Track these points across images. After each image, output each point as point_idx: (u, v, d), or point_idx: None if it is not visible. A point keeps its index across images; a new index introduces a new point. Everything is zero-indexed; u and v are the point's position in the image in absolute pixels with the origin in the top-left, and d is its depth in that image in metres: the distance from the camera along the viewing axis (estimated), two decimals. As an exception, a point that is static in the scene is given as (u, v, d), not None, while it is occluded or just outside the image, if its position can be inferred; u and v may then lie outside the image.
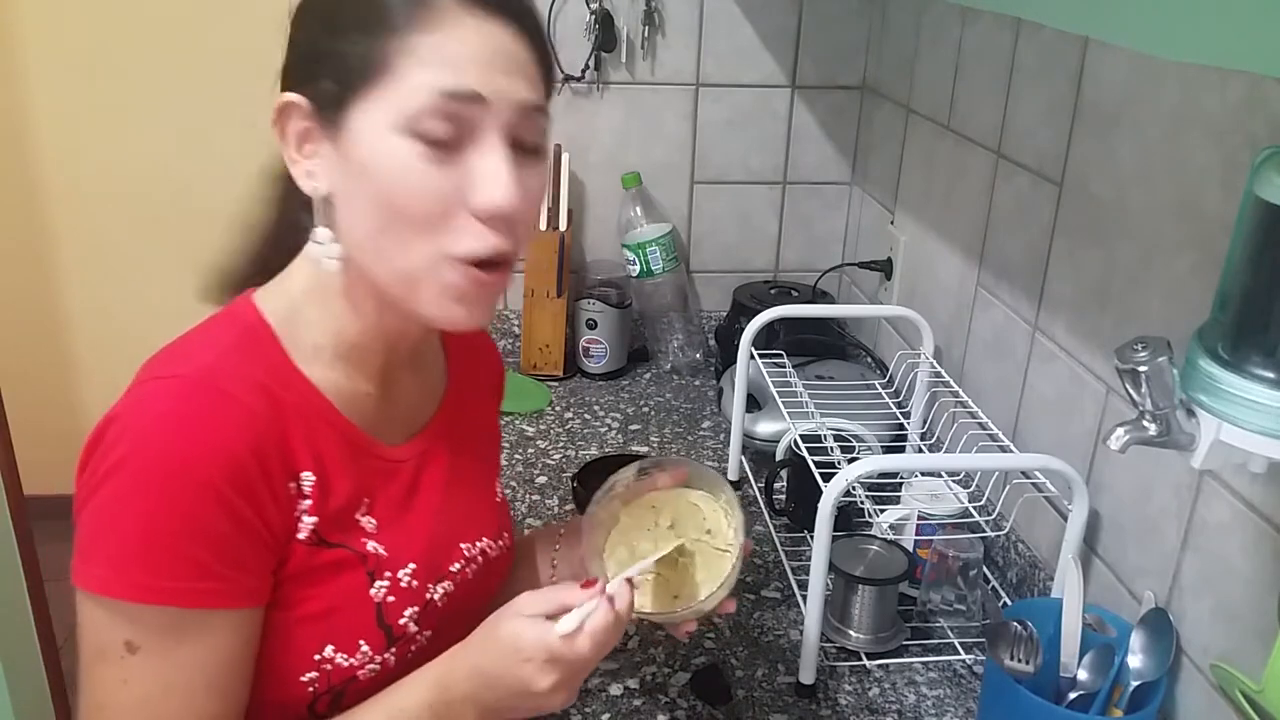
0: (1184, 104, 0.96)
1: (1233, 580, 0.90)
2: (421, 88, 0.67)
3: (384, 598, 0.78)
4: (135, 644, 0.67)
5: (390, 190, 0.69)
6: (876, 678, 1.12)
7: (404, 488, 0.82)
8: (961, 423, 1.37)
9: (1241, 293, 0.68)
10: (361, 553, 0.77)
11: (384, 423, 0.82)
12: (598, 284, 1.82)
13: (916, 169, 1.63)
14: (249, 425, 0.69)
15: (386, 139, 0.68)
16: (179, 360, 0.72)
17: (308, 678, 0.75)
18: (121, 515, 0.66)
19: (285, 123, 0.73)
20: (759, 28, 1.79)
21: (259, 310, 0.76)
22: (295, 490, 0.73)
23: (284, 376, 0.75)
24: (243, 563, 0.70)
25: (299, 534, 0.73)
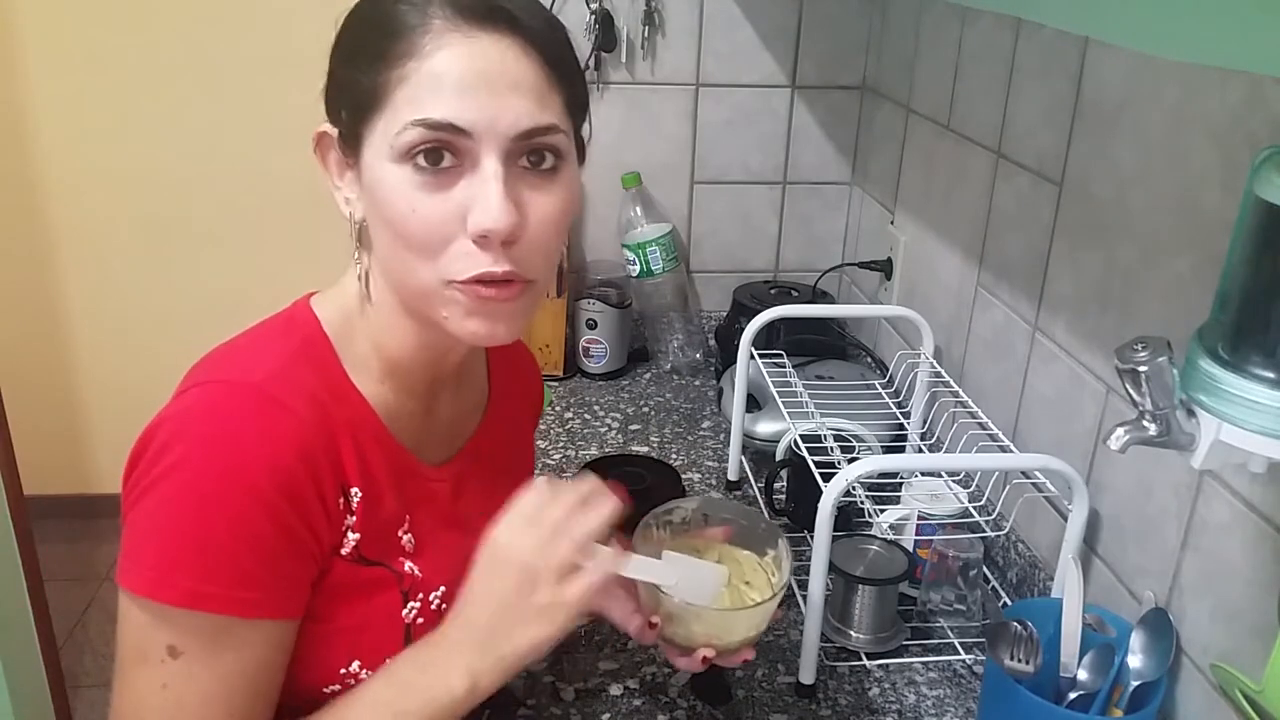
0: (1184, 104, 0.96)
1: (1233, 580, 0.90)
2: (406, 119, 0.68)
3: (414, 619, 0.78)
4: (178, 649, 0.67)
5: (393, 219, 0.70)
6: (876, 678, 1.12)
7: (442, 508, 0.83)
8: (961, 423, 1.37)
9: (1241, 293, 0.68)
10: (399, 573, 0.78)
11: (426, 441, 0.82)
12: (598, 284, 1.82)
13: (916, 169, 1.63)
14: (302, 436, 0.69)
15: (386, 169, 0.69)
16: (236, 365, 0.72)
17: (330, 689, 0.75)
18: (172, 519, 0.66)
19: (325, 153, 0.75)
20: (759, 28, 1.79)
21: (317, 319, 0.77)
22: (344, 505, 0.73)
23: (338, 389, 0.75)
24: (287, 574, 0.70)
25: (343, 549, 0.74)
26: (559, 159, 0.73)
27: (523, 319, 0.75)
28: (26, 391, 2.39)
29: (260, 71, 2.48)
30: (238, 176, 2.60)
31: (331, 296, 0.79)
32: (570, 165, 0.75)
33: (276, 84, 2.27)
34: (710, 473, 1.52)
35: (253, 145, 2.55)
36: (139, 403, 0.72)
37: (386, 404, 0.78)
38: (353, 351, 0.77)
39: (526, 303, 0.74)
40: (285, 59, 1.96)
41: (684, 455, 1.57)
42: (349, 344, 0.77)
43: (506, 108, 0.69)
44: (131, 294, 2.71)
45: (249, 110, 2.54)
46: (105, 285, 2.72)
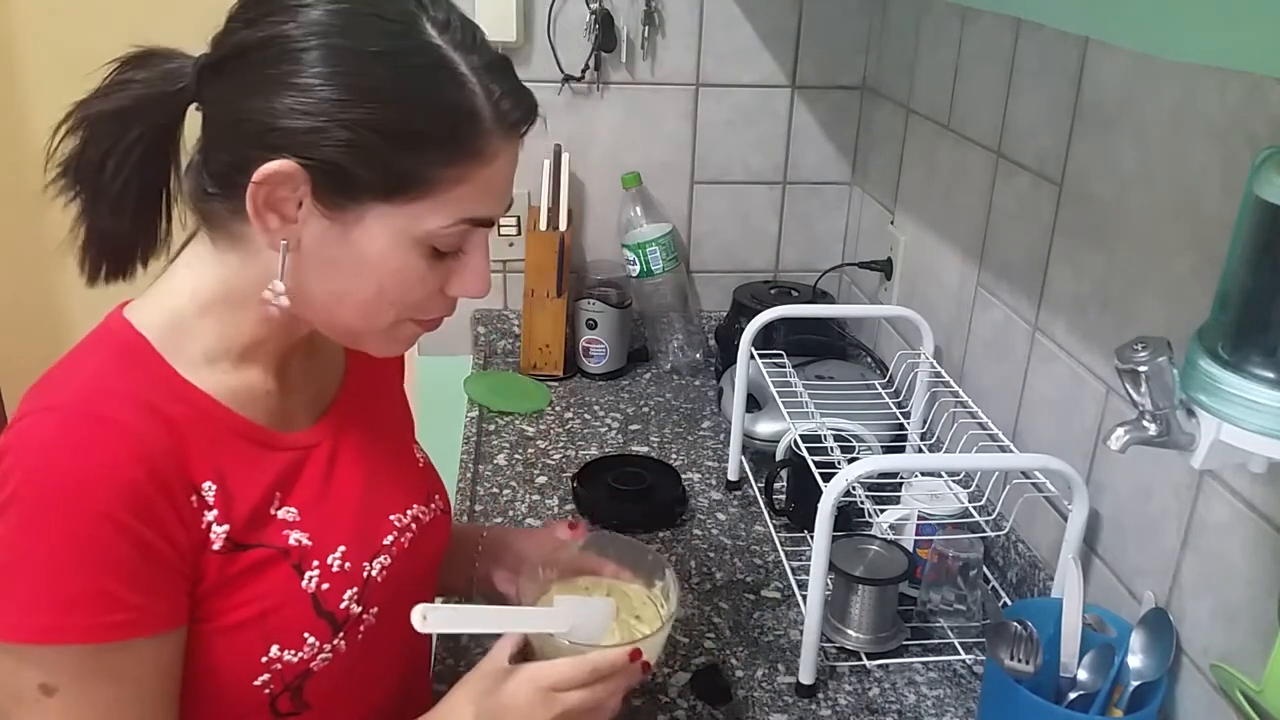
0: (1184, 104, 0.96)
1: (1233, 580, 0.90)
2: (452, 214, 0.72)
3: (317, 587, 0.77)
4: (51, 686, 0.65)
5: (386, 285, 0.73)
6: (876, 678, 1.12)
7: (320, 471, 0.82)
8: (961, 423, 1.37)
9: (1241, 293, 0.68)
10: (283, 547, 0.76)
11: (286, 412, 0.81)
12: (598, 284, 1.82)
13: (916, 169, 1.63)
14: (136, 447, 0.68)
15: (402, 247, 0.72)
16: (57, 389, 0.71)
17: (260, 680, 0.74)
18: (19, 555, 0.64)
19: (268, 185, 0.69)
20: (759, 28, 1.79)
21: (133, 326, 0.75)
22: (198, 502, 0.71)
23: (170, 389, 0.73)
24: (152, 588, 0.68)
25: (213, 545, 0.72)
26: None
27: None
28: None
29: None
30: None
31: (151, 302, 0.77)
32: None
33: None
34: (710, 473, 1.52)
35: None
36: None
37: (234, 390, 0.76)
38: (185, 347, 0.75)
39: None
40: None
41: (684, 455, 1.57)
42: (181, 343, 0.75)
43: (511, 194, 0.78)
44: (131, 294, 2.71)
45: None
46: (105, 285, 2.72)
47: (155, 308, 0.76)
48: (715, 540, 1.36)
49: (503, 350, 1.89)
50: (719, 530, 1.38)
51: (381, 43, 0.68)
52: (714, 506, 1.44)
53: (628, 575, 0.94)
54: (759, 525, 1.39)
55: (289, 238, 0.71)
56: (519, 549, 1.00)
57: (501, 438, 1.59)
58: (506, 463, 1.52)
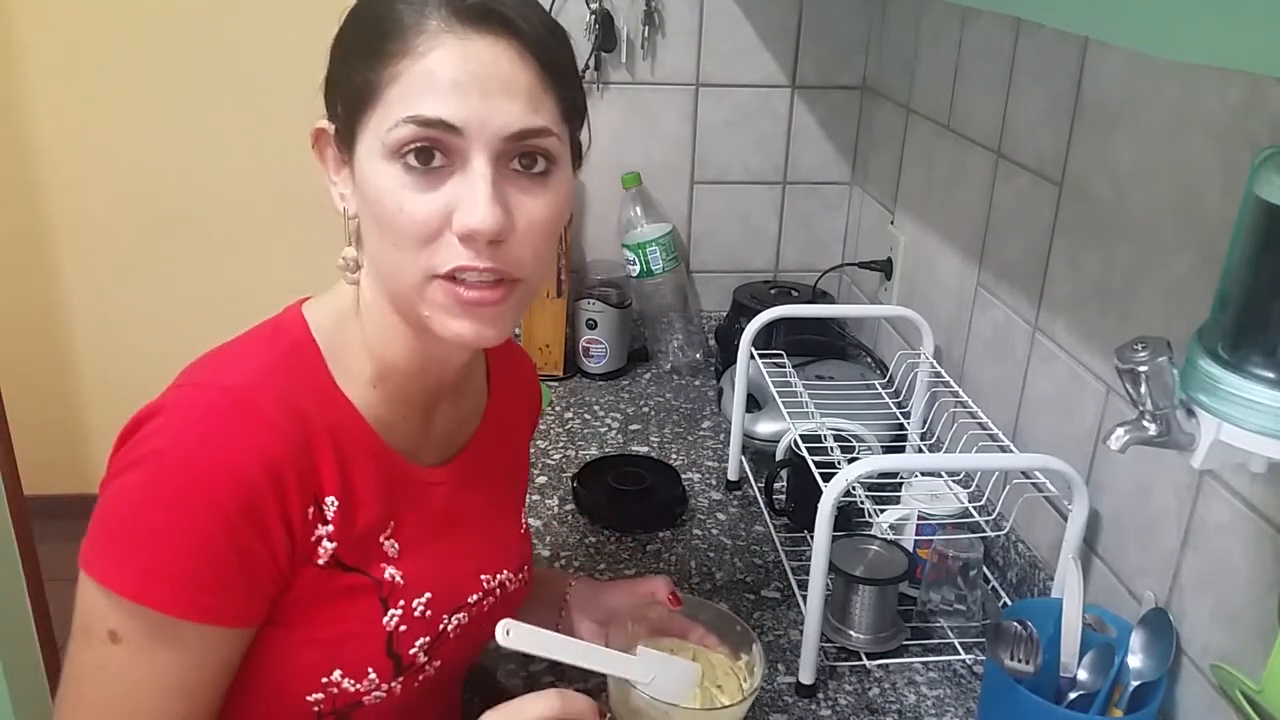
0: (1184, 104, 0.96)
1: (1233, 580, 0.90)
2: (398, 116, 0.68)
3: (396, 626, 0.78)
4: (119, 635, 0.68)
5: (381, 215, 0.70)
6: (876, 678, 1.12)
7: (435, 512, 0.83)
8: (961, 423, 1.37)
9: (1241, 293, 0.68)
10: (378, 579, 0.77)
11: (421, 446, 0.82)
12: (598, 284, 1.82)
13: (916, 169, 1.63)
14: (271, 447, 0.69)
15: (377, 166, 0.70)
16: (223, 369, 0.73)
17: (313, 698, 0.76)
18: (134, 511, 0.68)
19: (323, 149, 0.75)
20: (759, 28, 1.79)
21: (307, 324, 0.77)
22: (315, 514, 0.73)
23: (323, 395, 0.75)
24: (238, 587, 0.70)
25: (317, 560, 0.74)
26: (550, 163, 0.72)
27: (511, 320, 0.74)
28: (27, 391, 2.39)
29: (261, 71, 2.47)
30: (238, 176, 2.60)
31: (325, 301, 0.79)
32: (563, 170, 0.74)
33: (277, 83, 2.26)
34: (710, 473, 1.52)
35: (253, 145, 2.55)
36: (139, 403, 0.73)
37: (378, 411, 0.78)
38: (344, 357, 0.76)
39: (515, 303, 0.73)
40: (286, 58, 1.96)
41: (684, 455, 1.57)
42: (340, 350, 0.76)
43: (498, 109, 0.69)
44: (131, 294, 2.71)
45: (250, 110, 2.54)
46: (105, 285, 2.72)
47: (327, 310, 0.79)
48: (715, 540, 1.36)
49: (503, 350, 1.89)
50: (719, 530, 1.38)
51: None
52: (714, 506, 1.44)
53: (714, 642, 0.92)
54: (759, 525, 1.39)
55: (349, 204, 0.74)
56: (608, 603, 0.98)
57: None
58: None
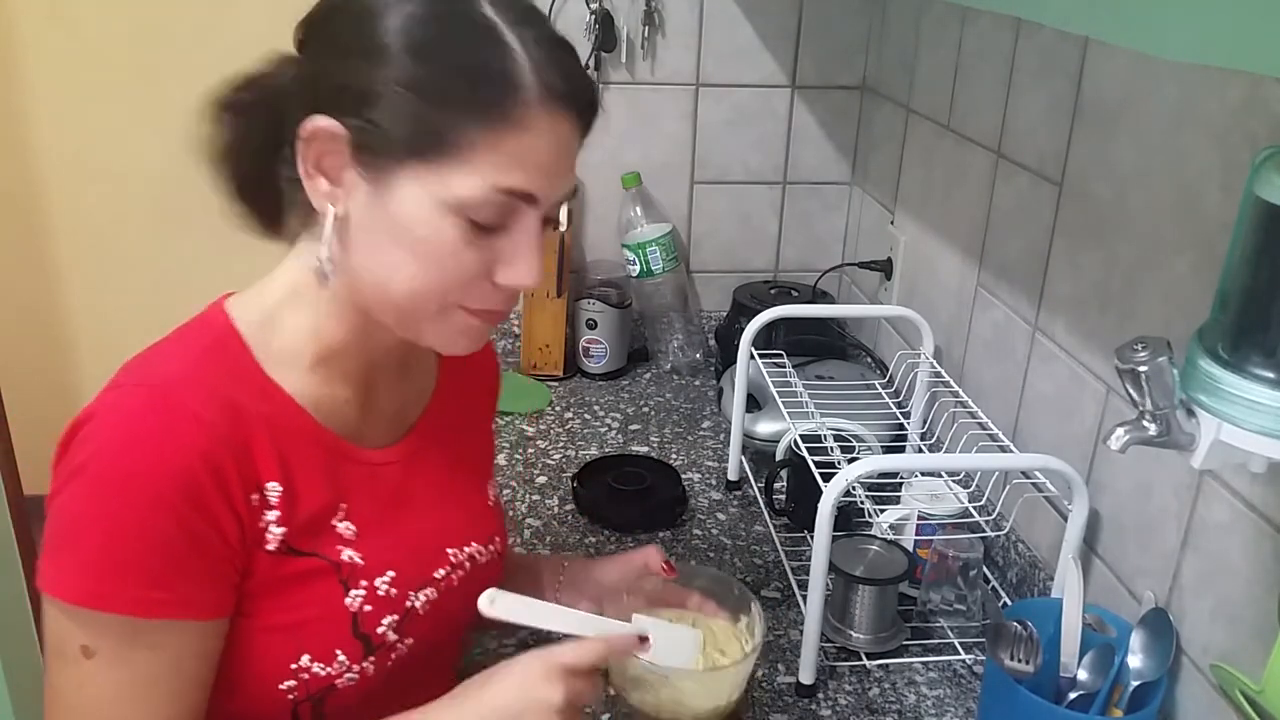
0: (1184, 104, 0.96)
1: (1233, 580, 0.90)
2: (483, 180, 0.69)
3: (360, 607, 0.78)
4: (91, 649, 0.68)
5: (426, 260, 0.71)
6: (876, 678, 1.12)
7: (388, 491, 0.82)
8: (961, 423, 1.37)
9: (1241, 293, 0.68)
10: (335, 561, 0.77)
11: (366, 427, 0.82)
12: (598, 284, 1.82)
13: (916, 169, 1.63)
14: (205, 438, 0.69)
15: (435, 214, 0.70)
16: (149, 368, 0.73)
17: (286, 686, 0.75)
18: (81, 521, 0.68)
19: (320, 149, 0.71)
20: (759, 28, 1.79)
21: (230, 318, 0.77)
22: (259, 501, 0.73)
23: (254, 387, 0.75)
24: (198, 576, 0.70)
25: (267, 545, 0.74)
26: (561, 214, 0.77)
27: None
28: (26, 391, 2.39)
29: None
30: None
31: (249, 297, 0.79)
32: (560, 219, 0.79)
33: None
34: (710, 473, 1.52)
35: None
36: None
37: (316, 395, 0.78)
38: (274, 347, 0.76)
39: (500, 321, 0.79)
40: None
41: (684, 455, 1.57)
42: (269, 340, 0.76)
43: (564, 182, 0.74)
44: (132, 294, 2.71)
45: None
46: (106, 285, 2.72)
47: (252, 303, 0.78)
48: (715, 540, 1.36)
49: (503, 350, 1.89)
50: (719, 530, 1.38)
51: (427, 7, 0.69)
52: (714, 506, 1.44)
53: (712, 608, 0.90)
54: (759, 525, 1.39)
55: (337, 205, 0.72)
56: (601, 578, 0.97)
57: (502, 438, 1.59)
58: (506, 462, 1.52)
